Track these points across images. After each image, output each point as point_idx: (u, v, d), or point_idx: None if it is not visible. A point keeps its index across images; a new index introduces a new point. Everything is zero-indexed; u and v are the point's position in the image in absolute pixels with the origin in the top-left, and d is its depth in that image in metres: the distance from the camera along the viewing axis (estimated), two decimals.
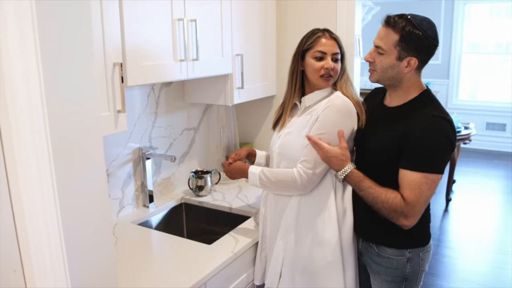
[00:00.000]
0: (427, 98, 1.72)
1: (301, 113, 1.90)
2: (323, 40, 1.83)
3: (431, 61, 1.75)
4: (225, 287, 1.88)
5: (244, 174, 1.97)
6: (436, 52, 1.73)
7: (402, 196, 1.63)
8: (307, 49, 1.85)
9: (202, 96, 2.50)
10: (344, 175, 1.74)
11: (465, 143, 5.21)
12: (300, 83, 1.92)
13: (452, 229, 4.68)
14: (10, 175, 1.03)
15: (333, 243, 1.81)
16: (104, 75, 1.62)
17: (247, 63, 2.44)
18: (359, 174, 1.73)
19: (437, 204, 5.11)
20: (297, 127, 1.86)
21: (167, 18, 1.88)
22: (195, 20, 1.99)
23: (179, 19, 1.92)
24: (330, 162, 1.76)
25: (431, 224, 1.86)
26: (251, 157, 2.16)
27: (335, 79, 1.87)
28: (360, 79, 2.76)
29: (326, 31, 1.87)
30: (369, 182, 1.70)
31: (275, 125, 2.04)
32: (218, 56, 2.23)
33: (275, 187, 1.87)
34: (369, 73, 1.77)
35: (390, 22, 1.64)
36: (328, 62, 1.82)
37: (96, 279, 1.21)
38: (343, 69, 1.89)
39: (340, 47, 1.87)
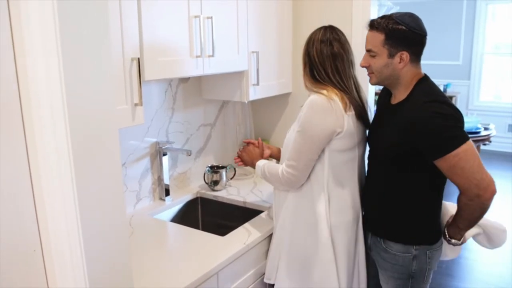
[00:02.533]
0: (421, 86, 1.73)
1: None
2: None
3: (452, 62, 1.79)
4: (237, 278, 1.92)
5: (252, 163, 2.11)
6: (457, 52, 1.76)
7: (458, 188, 1.65)
8: None
9: (218, 93, 2.55)
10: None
11: (484, 144, 5.15)
12: None
13: None
14: (32, 164, 1.10)
15: (325, 235, 1.84)
16: (122, 69, 1.68)
17: (263, 60, 2.48)
18: None
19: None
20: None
21: (184, 15, 1.93)
22: (211, 17, 2.03)
23: (195, 16, 1.97)
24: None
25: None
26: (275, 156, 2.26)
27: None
28: None
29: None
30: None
31: None
32: (234, 53, 2.28)
33: (270, 181, 1.97)
34: (369, 78, 1.82)
35: (374, 24, 1.71)
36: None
37: (111, 261, 1.25)
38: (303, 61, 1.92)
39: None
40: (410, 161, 1.70)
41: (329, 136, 1.77)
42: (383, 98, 1.95)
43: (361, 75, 1.94)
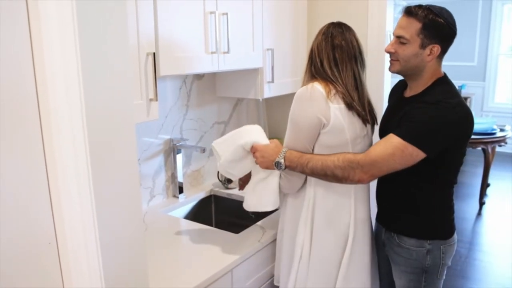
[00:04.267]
0: (441, 84, 1.71)
1: None
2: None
3: (466, 63, 1.78)
4: (251, 276, 1.91)
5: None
6: (472, 53, 1.74)
7: (367, 151, 1.64)
8: None
9: (232, 90, 2.54)
10: (282, 157, 1.71)
11: (500, 146, 5.09)
12: None
13: (485, 233, 4.57)
14: (48, 157, 1.09)
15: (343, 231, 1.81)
16: (138, 64, 1.67)
17: (278, 58, 2.46)
18: (295, 151, 1.72)
19: (470, 207, 5.01)
20: None
21: (199, 11, 1.92)
22: (226, 14, 2.03)
23: (211, 12, 1.96)
24: (267, 157, 1.75)
25: (464, 227, 1.86)
26: None
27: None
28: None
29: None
30: (309, 154, 1.71)
31: None
32: (248, 50, 2.26)
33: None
34: (389, 64, 1.77)
35: (412, 11, 1.65)
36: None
37: (127, 255, 1.25)
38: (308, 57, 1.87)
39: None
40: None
41: (315, 126, 1.71)
42: (396, 91, 1.94)
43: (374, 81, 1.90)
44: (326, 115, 1.69)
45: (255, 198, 1.85)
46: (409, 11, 1.66)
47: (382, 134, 1.81)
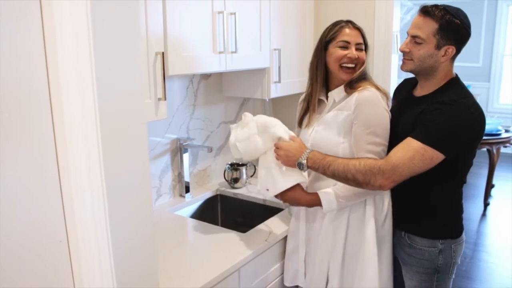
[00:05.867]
0: (454, 84, 1.72)
1: (330, 109, 1.86)
2: (347, 30, 1.81)
3: (471, 64, 1.79)
4: (258, 275, 1.91)
5: (309, 202, 1.82)
6: (477, 54, 1.76)
7: (387, 156, 1.63)
8: (330, 40, 1.83)
9: (239, 90, 2.54)
10: (304, 158, 1.71)
11: (505, 146, 5.08)
12: (323, 76, 1.88)
13: (489, 234, 4.56)
14: (60, 155, 1.10)
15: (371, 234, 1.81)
16: (147, 63, 1.68)
17: (285, 58, 2.47)
18: (320, 153, 1.72)
19: (474, 208, 5.00)
20: (329, 124, 1.83)
21: (208, 10, 1.93)
22: (234, 14, 2.03)
23: (219, 12, 1.96)
24: (291, 156, 1.74)
25: (468, 228, 1.87)
26: None
27: (361, 70, 1.81)
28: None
29: (349, 22, 1.85)
30: (332, 156, 1.70)
31: (300, 123, 2.00)
32: (256, 50, 2.27)
33: (353, 202, 1.79)
34: (402, 63, 1.77)
35: (429, 11, 1.65)
36: (351, 51, 1.79)
37: (137, 254, 1.25)
38: (364, 61, 1.84)
39: (364, 37, 1.84)
40: None
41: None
42: (402, 90, 1.94)
43: None
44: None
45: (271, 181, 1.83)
46: (426, 11, 1.66)
47: (392, 134, 1.81)
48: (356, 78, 1.80)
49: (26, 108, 1.02)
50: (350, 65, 1.80)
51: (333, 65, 1.83)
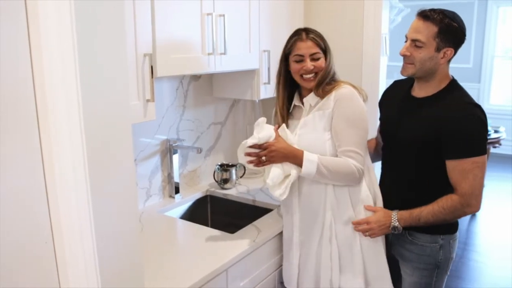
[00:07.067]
0: (456, 86, 1.79)
1: (308, 112, 1.89)
2: (299, 43, 1.84)
3: (462, 64, 1.84)
4: (246, 276, 1.92)
5: (294, 158, 1.79)
6: (467, 55, 1.82)
7: (456, 190, 1.71)
8: (288, 53, 1.89)
9: (229, 91, 2.55)
10: (396, 220, 1.79)
11: (495, 147, 5.12)
12: (287, 84, 1.94)
13: (479, 233, 4.60)
14: (46, 157, 1.10)
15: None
16: (135, 65, 1.69)
17: (274, 59, 2.46)
18: (405, 211, 1.79)
19: None
20: (311, 125, 1.85)
21: (197, 12, 1.94)
22: (223, 15, 2.04)
23: (208, 14, 1.97)
24: (383, 225, 1.81)
25: (458, 227, 1.89)
26: None
27: (322, 76, 1.84)
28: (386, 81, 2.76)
29: (303, 31, 1.87)
30: (417, 209, 1.77)
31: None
32: (245, 51, 2.28)
33: (332, 178, 1.79)
34: (402, 68, 1.80)
35: (428, 15, 1.71)
36: (306, 64, 1.83)
37: (122, 255, 1.26)
38: (330, 64, 1.86)
39: (320, 45, 1.85)
40: (438, 153, 1.73)
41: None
42: (396, 91, 1.97)
43: None
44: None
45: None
46: (425, 15, 1.71)
47: (391, 135, 1.87)
48: (320, 82, 1.84)
49: (11, 109, 1.03)
50: (308, 76, 1.85)
51: (295, 76, 1.89)
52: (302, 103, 1.93)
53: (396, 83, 2.02)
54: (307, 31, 1.87)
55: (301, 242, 1.95)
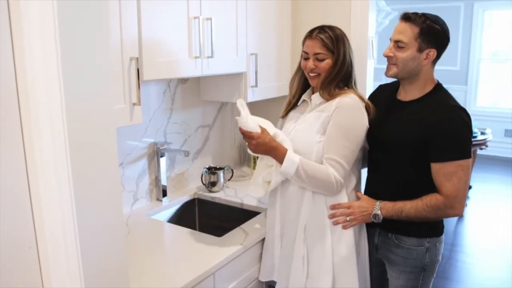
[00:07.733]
0: (441, 90, 1.82)
1: (311, 110, 1.92)
2: (308, 40, 1.88)
3: (449, 67, 1.86)
4: (233, 279, 1.92)
5: (275, 153, 1.79)
6: (454, 58, 1.84)
7: (440, 192, 1.72)
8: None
9: (217, 94, 2.55)
10: (378, 209, 1.80)
11: (481, 149, 5.17)
12: (302, 79, 1.99)
13: (466, 234, 4.65)
14: (29, 162, 1.10)
15: (349, 238, 1.84)
16: (121, 68, 1.68)
17: (262, 62, 2.48)
18: (389, 202, 1.80)
19: None
20: (309, 123, 1.88)
21: (183, 15, 1.93)
22: (210, 19, 2.04)
23: (195, 17, 1.97)
24: (365, 212, 1.82)
25: (446, 229, 1.93)
26: None
27: (324, 77, 1.85)
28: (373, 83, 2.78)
29: (317, 29, 1.88)
30: (401, 202, 1.78)
31: (285, 114, 2.08)
32: (232, 55, 2.28)
33: (309, 183, 1.79)
34: (386, 69, 1.82)
35: (410, 17, 1.74)
36: (308, 63, 1.87)
37: (107, 260, 1.25)
38: (336, 67, 1.84)
39: (328, 46, 1.84)
40: (426, 156, 1.74)
41: (364, 135, 1.86)
42: (381, 95, 1.98)
43: None
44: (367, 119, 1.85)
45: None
46: (407, 17, 1.75)
47: (377, 139, 1.88)
48: (323, 83, 1.85)
49: None
50: (312, 74, 1.88)
51: (304, 71, 1.94)
52: (310, 99, 1.95)
53: (381, 87, 2.04)
54: (319, 29, 1.87)
55: (281, 234, 1.97)
